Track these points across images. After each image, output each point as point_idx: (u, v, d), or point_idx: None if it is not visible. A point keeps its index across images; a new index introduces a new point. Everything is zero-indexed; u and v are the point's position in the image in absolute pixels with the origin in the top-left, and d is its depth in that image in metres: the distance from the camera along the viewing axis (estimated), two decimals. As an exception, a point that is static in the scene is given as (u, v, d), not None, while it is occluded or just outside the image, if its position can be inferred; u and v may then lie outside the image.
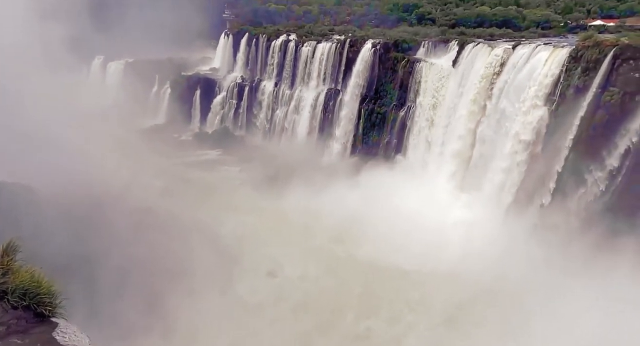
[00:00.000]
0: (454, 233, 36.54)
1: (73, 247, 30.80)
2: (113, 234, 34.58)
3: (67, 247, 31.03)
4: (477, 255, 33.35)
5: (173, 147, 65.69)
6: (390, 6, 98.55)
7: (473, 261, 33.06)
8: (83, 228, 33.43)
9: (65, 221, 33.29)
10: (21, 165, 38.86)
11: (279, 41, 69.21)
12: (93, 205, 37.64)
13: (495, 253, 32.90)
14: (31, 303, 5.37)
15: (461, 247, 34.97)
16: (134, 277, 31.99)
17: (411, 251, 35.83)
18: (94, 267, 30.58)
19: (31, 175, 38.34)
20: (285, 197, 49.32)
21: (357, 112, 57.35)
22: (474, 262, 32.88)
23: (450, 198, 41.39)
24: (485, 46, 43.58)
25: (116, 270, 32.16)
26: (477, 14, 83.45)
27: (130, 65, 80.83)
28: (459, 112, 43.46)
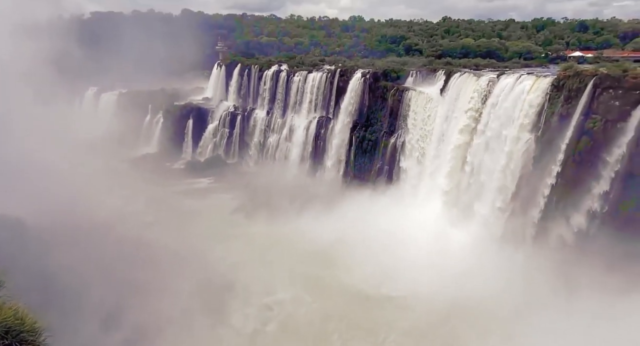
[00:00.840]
0: (444, 259, 36.43)
1: (61, 279, 30.16)
2: (102, 266, 33.96)
3: (55, 280, 30.40)
4: (468, 281, 33.20)
5: (165, 176, 65.51)
6: (379, 38, 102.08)
7: (463, 286, 32.92)
8: (72, 261, 32.85)
9: (54, 253, 32.76)
10: (10, 197, 38.46)
11: (270, 71, 70.82)
12: (82, 236, 37.17)
13: (487, 278, 32.79)
14: (14, 342, 5.24)
15: (452, 272, 34.78)
16: (123, 311, 31.21)
17: (401, 276, 35.75)
18: (82, 300, 29.84)
19: (20, 207, 37.94)
20: (277, 224, 49.21)
21: (349, 139, 58.15)
22: (464, 288, 32.75)
23: (441, 224, 41.49)
24: (471, 75, 45.02)
25: (104, 303, 31.40)
26: (462, 45, 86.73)
27: (124, 96, 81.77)
28: (448, 139, 44.32)
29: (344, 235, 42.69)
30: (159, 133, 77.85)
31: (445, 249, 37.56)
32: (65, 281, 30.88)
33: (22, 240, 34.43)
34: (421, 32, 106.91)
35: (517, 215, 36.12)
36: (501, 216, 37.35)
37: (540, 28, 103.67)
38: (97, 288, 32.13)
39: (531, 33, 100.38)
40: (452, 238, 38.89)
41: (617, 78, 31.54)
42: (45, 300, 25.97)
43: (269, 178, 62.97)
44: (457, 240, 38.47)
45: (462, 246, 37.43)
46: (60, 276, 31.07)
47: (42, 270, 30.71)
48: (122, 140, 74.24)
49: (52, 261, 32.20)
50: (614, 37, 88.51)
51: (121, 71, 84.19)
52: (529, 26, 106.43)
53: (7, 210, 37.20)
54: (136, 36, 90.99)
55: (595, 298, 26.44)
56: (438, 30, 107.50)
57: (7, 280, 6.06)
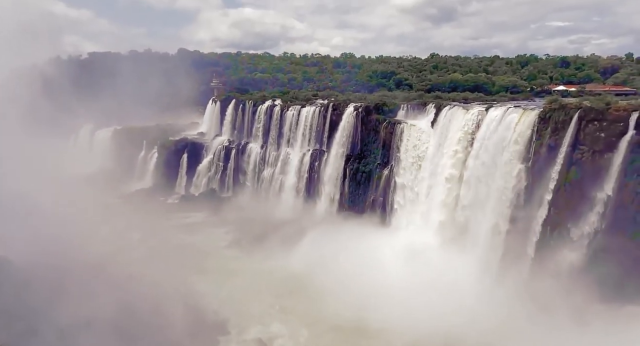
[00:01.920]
0: (440, 293, 35.90)
1: (51, 321, 29.14)
2: (93, 306, 32.95)
3: (39, 322, 29.32)
4: (462, 314, 32.70)
5: (159, 211, 64.91)
6: (370, 73, 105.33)
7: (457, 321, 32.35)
8: (63, 301, 31.90)
9: (41, 295, 31.74)
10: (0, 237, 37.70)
11: (264, 106, 72.28)
12: (71, 276, 36.21)
13: (482, 312, 32.36)
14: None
15: (445, 306, 34.24)
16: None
17: (401, 311, 34.99)
18: (74, 342, 28.74)
19: (9, 246, 37.11)
20: (271, 258, 48.68)
21: (343, 171, 58.66)
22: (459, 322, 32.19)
23: (435, 256, 41.18)
24: (461, 108, 46.39)
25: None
26: (451, 79, 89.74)
27: (119, 132, 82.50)
28: (441, 170, 44.94)
29: (340, 269, 42.10)
30: (154, 168, 77.92)
31: (441, 282, 37.07)
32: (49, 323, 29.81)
33: (11, 281, 33.46)
34: (410, 67, 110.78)
35: (512, 246, 36.14)
36: (496, 247, 37.33)
37: (524, 64, 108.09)
38: (84, 331, 30.99)
39: (516, 68, 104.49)
40: (447, 271, 38.47)
41: (601, 111, 32.76)
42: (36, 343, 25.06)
43: (263, 211, 62.71)
44: (452, 272, 38.08)
45: (457, 278, 37.02)
46: (45, 319, 30.03)
47: (26, 312, 29.69)
48: (117, 176, 74.20)
49: (37, 303, 31.18)
50: (595, 72, 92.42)
51: (117, 108, 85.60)
52: (514, 62, 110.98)
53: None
54: (132, 74, 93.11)
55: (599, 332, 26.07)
56: (427, 65, 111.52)
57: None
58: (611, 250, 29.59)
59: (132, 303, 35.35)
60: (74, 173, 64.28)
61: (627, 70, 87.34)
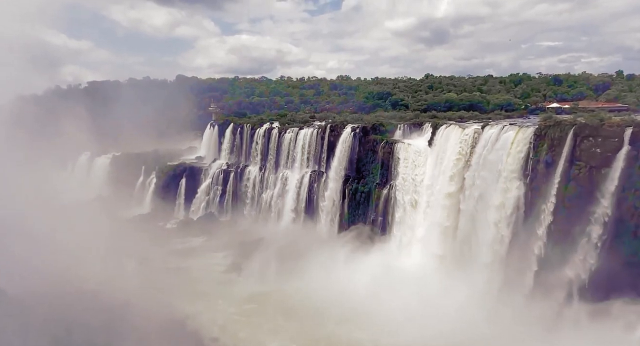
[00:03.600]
0: (440, 314, 35.11)
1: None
2: (86, 338, 32.08)
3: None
4: (461, 336, 31.88)
5: (157, 236, 64.20)
6: (366, 94, 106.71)
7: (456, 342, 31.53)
8: (56, 332, 31.05)
9: (38, 325, 30.97)
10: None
11: (262, 129, 72.81)
12: (66, 305, 35.40)
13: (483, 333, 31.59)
14: None
15: (444, 328, 33.41)
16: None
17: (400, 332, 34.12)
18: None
19: (4, 275, 36.44)
20: (270, 281, 47.98)
21: (341, 192, 58.56)
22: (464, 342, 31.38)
23: (436, 277, 40.52)
24: (457, 127, 46.78)
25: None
26: (446, 99, 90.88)
27: (117, 159, 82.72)
28: (439, 188, 44.86)
29: (339, 291, 41.43)
30: (152, 194, 77.69)
31: (440, 303, 36.31)
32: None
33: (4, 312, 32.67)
34: (406, 88, 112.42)
35: (513, 265, 35.66)
36: (497, 266, 36.82)
37: (517, 82, 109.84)
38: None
39: (509, 87, 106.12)
40: (447, 291, 37.72)
41: (596, 127, 33.07)
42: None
43: (262, 234, 62.08)
44: (452, 292, 37.35)
45: (457, 299, 36.27)
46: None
47: (21, 343, 28.88)
48: (115, 202, 73.75)
49: (32, 334, 30.36)
50: (588, 89, 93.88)
51: (116, 135, 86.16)
52: (507, 81, 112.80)
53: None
54: (131, 101, 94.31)
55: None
56: (422, 86, 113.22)
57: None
58: (612, 265, 29.20)
59: (127, 332, 34.50)
60: (71, 200, 63.84)
61: (618, 86, 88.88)
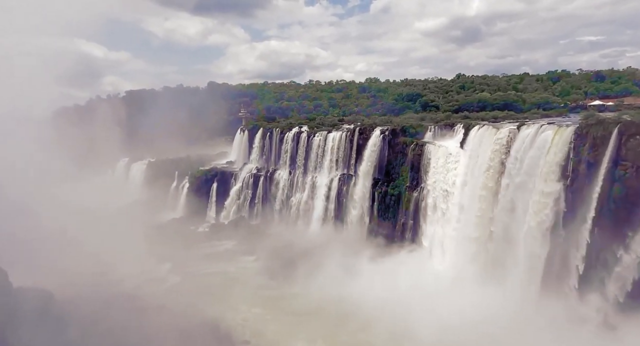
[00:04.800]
0: (474, 323, 33.62)
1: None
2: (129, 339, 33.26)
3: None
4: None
5: (190, 239, 65.86)
6: (395, 97, 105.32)
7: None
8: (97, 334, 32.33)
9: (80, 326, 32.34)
10: (39, 268, 39.26)
11: (291, 133, 73.28)
12: (106, 307, 36.84)
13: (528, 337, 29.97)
14: None
15: (479, 337, 31.96)
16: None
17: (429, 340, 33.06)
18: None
19: (50, 278, 38.47)
20: (301, 284, 47.96)
21: (371, 195, 57.87)
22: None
23: (469, 284, 38.92)
24: (491, 127, 45.12)
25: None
26: (479, 99, 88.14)
27: (152, 164, 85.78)
28: (473, 191, 43.35)
29: (370, 296, 40.76)
30: (185, 198, 79.80)
31: (474, 311, 34.78)
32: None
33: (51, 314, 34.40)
34: (436, 89, 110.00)
35: (552, 273, 33.80)
36: (535, 274, 34.99)
37: (555, 80, 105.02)
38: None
39: (547, 85, 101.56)
40: (481, 299, 36.11)
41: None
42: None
43: (292, 238, 62.28)
44: (487, 300, 35.73)
45: (492, 307, 34.65)
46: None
47: (65, 342, 30.11)
48: (151, 207, 76.32)
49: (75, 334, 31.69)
50: (633, 85, 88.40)
51: (151, 141, 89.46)
52: (544, 78, 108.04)
53: (36, 282, 37.83)
54: (165, 109, 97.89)
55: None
56: (453, 86, 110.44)
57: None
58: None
59: (163, 334, 35.41)
60: (111, 204, 66.64)
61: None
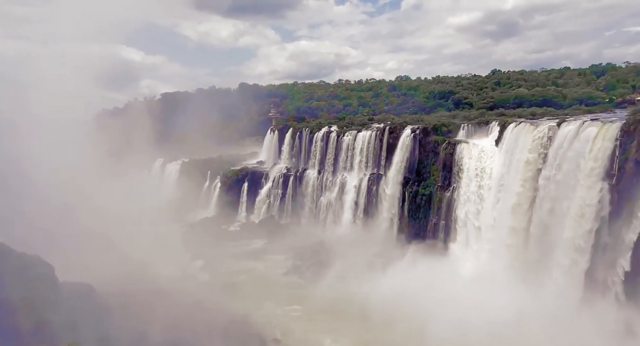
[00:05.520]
0: (508, 328, 32.15)
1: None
2: (165, 333, 34.36)
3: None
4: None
5: (222, 238, 67.21)
6: (426, 94, 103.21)
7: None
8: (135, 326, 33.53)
9: (118, 320, 33.67)
10: (84, 264, 41.39)
11: (321, 133, 73.30)
12: (144, 302, 38.21)
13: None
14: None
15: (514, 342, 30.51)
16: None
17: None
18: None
19: (92, 273, 40.44)
20: (330, 284, 47.79)
21: (401, 195, 56.92)
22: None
23: (505, 287, 37.26)
24: (528, 125, 43.18)
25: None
26: (515, 95, 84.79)
27: (186, 165, 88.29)
28: (509, 191, 41.63)
29: (403, 298, 39.94)
30: (217, 198, 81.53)
31: (509, 314, 33.27)
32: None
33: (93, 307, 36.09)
34: (470, 86, 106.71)
35: (595, 277, 31.83)
36: (576, 278, 33.06)
37: (600, 74, 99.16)
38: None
39: (590, 79, 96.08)
40: (517, 303, 34.47)
41: (699, 118, 28.56)
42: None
43: (322, 237, 62.30)
44: (523, 304, 34.06)
45: (529, 312, 33.00)
46: (123, 343, 31.54)
47: (106, 336, 31.35)
48: (184, 206, 78.57)
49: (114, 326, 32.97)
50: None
51: (185, 142, 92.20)
52: (587, 72, 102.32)
53: (81, 277, 39.95)
54: (198, 110, 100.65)
55: None
56: (488, 82, 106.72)
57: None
58: None
59: (198, 330, 36.37)
60: (147, 203, 69.08)
61: None
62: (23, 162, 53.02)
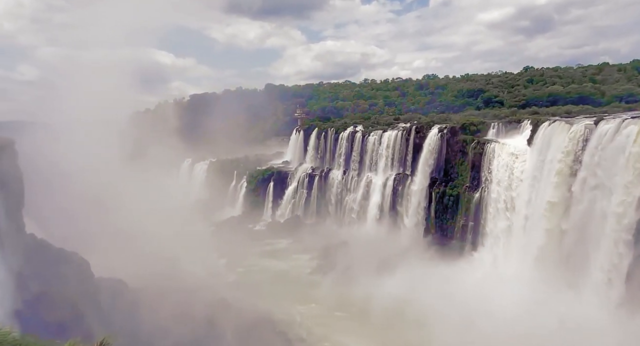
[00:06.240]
0: (560, 338, 30.58)
1: (158, 342, 31.50)
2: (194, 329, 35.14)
3: (155, 342, 31.66)
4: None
5: (248, 237, 68.10)
6: (455, 93, 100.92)
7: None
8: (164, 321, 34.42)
9: (151, 315, 34.67)
10: (116, 260, 43.05)
11: (346, 133, 72.98)
12: (176, 298, 39.24)
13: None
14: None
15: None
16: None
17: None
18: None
19: (123, 270, 42.01)
20: (355, 285, 47.42)
21: (428, 195, 55.77)
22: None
23: (537, 292, 35.57)
24: (563, 123, 41.25)
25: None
26: (549, 93, 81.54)
27: (213, 165, 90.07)
28: (542, 193, 39.94)
29: (427, 301, 39.03)
30: (243, 197, 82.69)
31: (544, 322, 31.71)
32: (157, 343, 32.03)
33: (126, 302, 37.40)
34: (500, 83, 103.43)
35: (636, 284, 29.93)
36: (615, 285, 31.19)
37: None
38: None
39: (631, 75, 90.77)
40: (552, 310, 32.75)
41: None
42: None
43: (346, 237, 61.96)
44: (558, 311, 32.36)
45: (566, 319, 31.30)
46: (154, 338, 32.39)
47: (141, 332, 32.21)
48: (211, 205, 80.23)
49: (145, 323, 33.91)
50: None
51: (212, 142, 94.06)
52: (628, 68, 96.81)
53: (114, 273, 41.60)
54: (225, 111, 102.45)
55: None
56: (520, 80, 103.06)
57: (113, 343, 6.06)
58: None
59: (226, 328, 37.01)
60: (176, 202, 70.89)
61: None
62: (61, 161, 55.54)
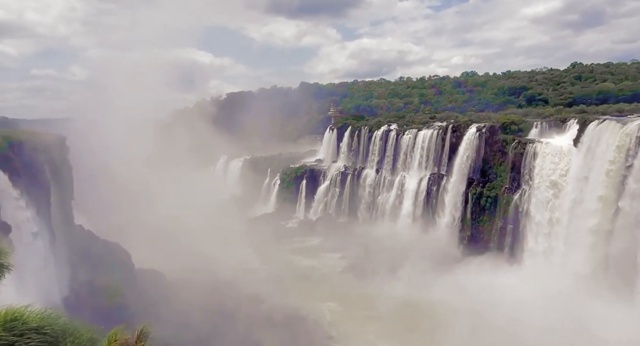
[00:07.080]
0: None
1: (194, 333, 32.53)
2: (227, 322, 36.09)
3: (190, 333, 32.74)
4: None
5: (280, 234, 68.80)
6: (495, 91, 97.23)
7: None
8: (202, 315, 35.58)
9: (188, 307, 35.91)
10: (154, 253, 45.01)
11: (380, 131, 72.01)
12: (210, 291, 40.45)
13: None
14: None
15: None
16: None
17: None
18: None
19: (161, 262, 43.80)
20: (386, 285, 46.86)
21: (464, 196, 53.98)
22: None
23: (583, 303, 33.26)
24: (614, 122, 38.65)
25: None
26: (599, 90, 76.76)
27: (247, 162, 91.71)
28: (588, 196, 37.61)
29: (462, 305, 37.71)
30: (276, 195, 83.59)
31: (592, 336, 29.60)
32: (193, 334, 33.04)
33: (164, 293, 38.97)
34: (545, 80, 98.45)
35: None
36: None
37: None
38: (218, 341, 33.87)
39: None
40: (600, 322, 30.53)
41: None
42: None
43: (378, 237, 61.19)
44: (606, 323, 30.15)
45: (615, 332, 29.12)
46: (194, 331, 33.47)
47: (178, 323, 33.34)
48: (245, 201, 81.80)
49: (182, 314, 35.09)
50: None
51: (247, 140, 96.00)
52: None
53: (152, 265, 43.47)
54: (260, 109, 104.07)
55: None
56: (566, 77, 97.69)
57: (152, 332, 6.19)
58: None
59: (260, 322, 37.78)
60: (212, 199, 72.87)
61: None
62: (105, 157, 58.50)
